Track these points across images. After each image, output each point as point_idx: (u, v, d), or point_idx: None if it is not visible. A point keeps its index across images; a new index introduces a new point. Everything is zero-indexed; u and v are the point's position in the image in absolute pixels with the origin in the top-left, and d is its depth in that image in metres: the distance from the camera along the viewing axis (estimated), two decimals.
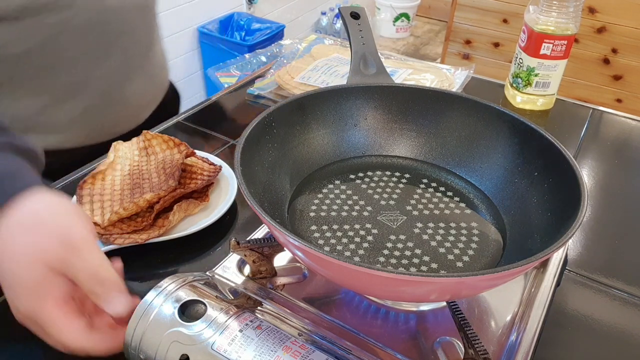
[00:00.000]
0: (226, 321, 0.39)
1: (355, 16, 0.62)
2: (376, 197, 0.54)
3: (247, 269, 0.51)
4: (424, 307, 0.48)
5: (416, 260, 0.47)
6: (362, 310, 0.48)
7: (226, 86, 0.91)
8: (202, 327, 0.38)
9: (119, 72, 0.73)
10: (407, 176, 0.57)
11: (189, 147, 0.63)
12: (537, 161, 0.50)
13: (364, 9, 0.63)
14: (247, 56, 0.98)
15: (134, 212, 0.55)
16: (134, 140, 0.66)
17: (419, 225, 0.50)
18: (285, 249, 0.47)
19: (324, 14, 2.86)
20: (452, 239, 0.49)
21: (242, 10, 2.32)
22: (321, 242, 0.48)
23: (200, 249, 0.56)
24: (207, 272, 0.50)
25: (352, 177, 0.57)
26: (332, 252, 0.47)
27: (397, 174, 0.57)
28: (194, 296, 0.40)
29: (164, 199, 0.55)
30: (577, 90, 2.06)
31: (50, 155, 0.53)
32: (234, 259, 0.52)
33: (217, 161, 0.64)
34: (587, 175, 0.71)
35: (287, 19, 2.58)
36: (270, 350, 0.37)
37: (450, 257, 0.47)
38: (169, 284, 0.41)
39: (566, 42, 0.77)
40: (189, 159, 0.63)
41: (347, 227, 0.50)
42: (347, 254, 0.47)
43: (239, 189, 0.59)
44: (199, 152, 0.65)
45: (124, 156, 0.64)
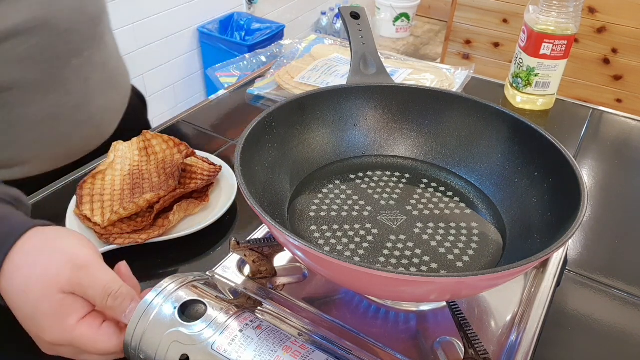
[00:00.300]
0: (226, 321, 0.39)
1: (355, 16, 0.62)
2: (376, 197, 0.54)
3: (247, 269, 0.51)
4: (424, 307, 0.48)
5: (416, 260, 0.47)
6: (362, 310, 0.48)
7: (226, 86, 0.91)
8: (202, 327, 0.38)
9: (77, 94, 0.68)
10: (407, 176, 0.57)
11: (189, 147, 0.63)
12: (537, 161, 0.50)
13: (364, 9, 0.63)
14: (247, 56, 0.98)
15: (134, 212, 0.55)
16: (134, 140, 0.66)
17: (419, 225, 0.50)
18: (285, 249, 0.47)
19: (324, 14, 2.86)
20: (452, 239, 0.49)
21: (242, 10, 2.32)
22: (321, 242, 0.48)
23: (200, 249, 0.56)
24: (207, 272, 0.50)
25: (352, 177, 0.57)
26: (332, 252, 0.47)
27: (397, 174, 0.57)
28: (194, 296, 0.40)
29: (164, 199, 0.55)
30: (577, 90, 2.06)
31: (17, 184, 0.51)
32: (234, 259, 0.52)
33: (217, 161, 0.64)
34: (587, 175, 0.71)
35: (287, 19, 2.58)
36: (270, 350, 0.37)
37: (450, 257, 0.47)
38: (169, 284, 0.41)
39: (566, 42, 0.77)
40: (189, 159, 0.63)
41: (347, 227, 0.50)
42: (347, 254, 0.47)
43: (239, 189, 0.59)
44: (199, 152, 0.65)
45: (124, 156, 0.64)
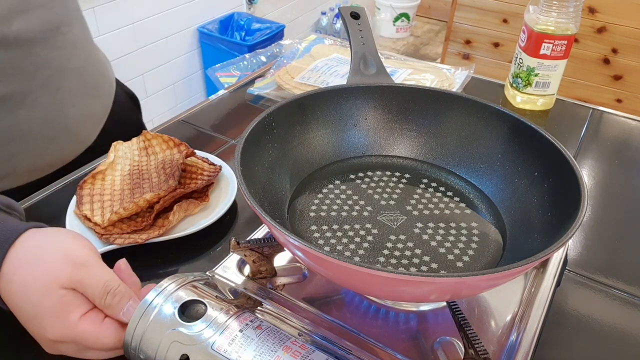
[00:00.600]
0: (226, 321, 0.39)
1: (355, 16, 0.62)
2: (376, 197, 0.54)
3: (247, 269, 0.51)
4: (424, 307, 0.48)
5: (416, 260, 0.47)
6: (362, 310, 0.48)
7: (226, 86, 0.91)
8: (202, 327, 0.38)
9: (47, 107, 0.65)
10: (407, 176, 0.57)
11: (189, 147, 0.63)
12: (537, 161, 0.50)
13: (364, 9, 0.63)
14: (247, 56, 0.98)
15: (134, 212, 0.55)
16: (134, 140, 0.66)
17: (419, 225, 0.50)
18: (285, 249, 0.47)
19: (324, 14, 2.86)
20: (452, 239, 0.49)
21: (242, 10, 2.32)
22: (321, 242, 0.48)
23: (200, 249, 0.56)
24: (207, 272, 0.50)
25: (352, 177, 0.57)
26: (332, 252, 0.47)
27: (397, 174, 0.57)
28: (194, 296, 0.40)
29: (164, 199, 0.55)
30: (577, 90, 2.06)
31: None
32: (234, 259, 0.52)
33: (217, 161, 0.64)
34: (587, 175, 0.71)
35: (287, 19, 2.58)
36: (270, 350, 0.37)
37: (450, 257, 0.47)
38: (169, 284, 0.41)
39: (566, 42, 0.77)
40: (189, 159, 0.63)
41: (347, 227, 0.50)
42: (347, 254, 0.47)
43: (239, 189, 0.59)
44: (199, 152, 0.65)
45: (124, 156, 0.64)
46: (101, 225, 0.54)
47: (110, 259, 0.46)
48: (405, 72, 0.87)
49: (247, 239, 0.50)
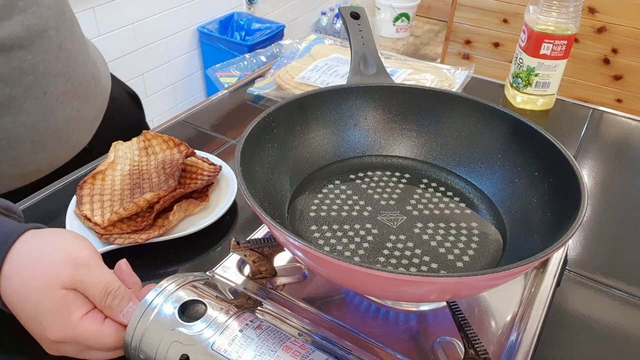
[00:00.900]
0: (226, 321, 0.39)
1: (355, 16, 0.62)
2: (376, 197, 0.54)
3: (247, 269, 0.51)
4: (424, 307, 0.48)
5: (416, 260, 0.47)
6: (362, 310, 0.48)
7: (226, 86, 0.91)
8: (202, 327, 0.38)
9: (35, 112, 0.63)
10: (407, 176, 0.57)
11: (189, 147, 0.63)
12: (537, 161, 0.50)
13: (364, 9, 0.63)
14: (247, 56, 0.98)
15: (134, 212, 0.55)
16: (134, 140, 0.66)
17: (419, 225, 0.50)
18: (285, 249, 0.47)
19: (324, 14, 2.86)
20: (452, 239, 0.49)
21: (242, 10, 2.32)
22: (321, 242, 0.48)
23: (200, 249, 0.56)
24: (207, 272, 0.50)
25: (352, 177, 0.57)
26: (332, 252, 0.47)
27: (397, 174, 0.57)
28: (194, 296, 0.40)
29: (164, 199, 0.55)
30: (577, 90, 2.06)
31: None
32: (234, 259, 0.52)
33: (217, 161, 0.64)
34: (587, 175, 0.71)
35: (287, 19, 2.58)
36: (270, 350, 0.37)
37: (450, 257, 0.47)
38: (169, 284, 0.41)
39: (566, 42, 0.77)
40: (189, 159, 0.63)
41: (347, 227, 0.50)
42: (347, 254, 0.47)
43: (239, 189, 0.59)
44: (199, 152, 0.65)
45: (124, 156, 0.64)
46: (101, 225, 0.54)
47: (110, 259, 0.46)
48: (405, 72, 0.87)
49: (247, 239, 0.50)
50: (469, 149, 0.56)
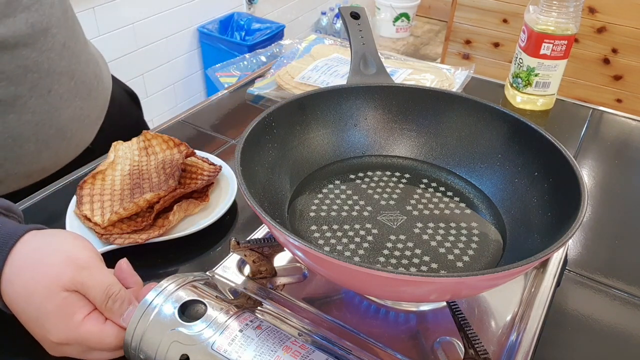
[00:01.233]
0: (226, 321, 0.39)
1: (355, 16, 0.62)
2: (376, 197, 0.54)
3: (247, 269, 0.51)
4: (424, 307, 0.48)
5: (416, 260, 0.47)
6: (362, 310, 0.48)
7: (226, 86, 0.91)
8: (202, 327, 0.38)
9: (39, 110, 0.63)
10: (407, 176, 0.57)
11: (189, 147, 0.63)
12: (537, 161, 0.50)
13: (364, 9, 0.63)
14: (247, 56, 0.98)
15: (134, 212, 0.55)
16: (134, 140, 0.66)
17: (419, 225, 0.50)
18: (285, 249, 0.47)
19: (324, 14, 2.86)
20: (452, 239, 0.49)
21: (242, 10, 2.32)
22: (321, 242, 0.48)
23: (200, 249, 0.56)
24: (207, 272, 0.50)
25: (352, 177, 0.57)
26: (332, 252, 0.47)
27: (397, 174, 0.57)
28: (194, 296, 0.40)
29: (164, 199, 0.55)
30: (577, 90, 2.06)
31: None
32: (234, 259, 0.52)
33: (217, 161, 0.64)
34: (587, 175, 0.71)
35: (287, 19, 2.58)
36: (270, 350, 0.37)
37: (450, 257, 0.47)
38: (169, 284, 0.41)
39: (566, 42, 0.77)
40: (189, 159, 0.63)
41: (347, 227, 0.50)
42: (347, 254, 0.47)
43: (239, 189, 0.59)
44: (199, 152, 0.65)
45: (124, 156, 0.64)
46: (101, 225, 0.54)
47: (110, 259, 0.46)
48: (405, 72, 0.87)
49: (247, 239, 0.50)
50: (469, 149, 0.56)
